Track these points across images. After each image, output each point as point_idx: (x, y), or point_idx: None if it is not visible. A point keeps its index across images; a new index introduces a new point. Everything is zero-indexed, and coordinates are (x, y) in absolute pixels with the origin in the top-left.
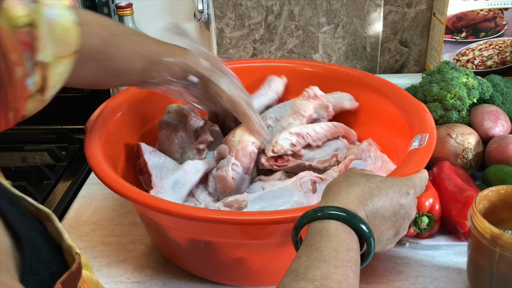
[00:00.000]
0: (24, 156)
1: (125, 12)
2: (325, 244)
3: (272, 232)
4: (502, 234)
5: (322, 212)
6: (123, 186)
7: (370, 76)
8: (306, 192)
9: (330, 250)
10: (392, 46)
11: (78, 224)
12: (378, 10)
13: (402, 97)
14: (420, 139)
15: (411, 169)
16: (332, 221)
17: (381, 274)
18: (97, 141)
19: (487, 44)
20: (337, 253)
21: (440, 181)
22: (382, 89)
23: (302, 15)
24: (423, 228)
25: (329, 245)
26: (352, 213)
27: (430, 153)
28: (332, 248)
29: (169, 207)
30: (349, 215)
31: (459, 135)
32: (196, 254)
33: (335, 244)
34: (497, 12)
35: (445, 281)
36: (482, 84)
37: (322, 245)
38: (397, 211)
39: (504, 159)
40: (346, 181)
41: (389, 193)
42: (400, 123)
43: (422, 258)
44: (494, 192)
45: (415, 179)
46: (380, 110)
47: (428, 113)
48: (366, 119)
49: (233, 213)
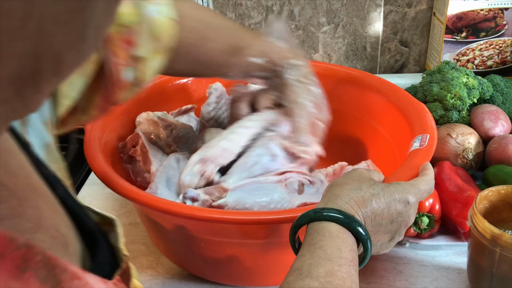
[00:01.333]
0: None
1: None
2: (329, 243)
3: (273, 231)
4: (502, 234)
5: (321, 213)
6: (123, 186)
7: (369, 76)
8: (292, 192)
9: (334, 249)
10: (392, 46)
11: None
12: (378, 10)
13: (402, 97)
14: (420, 139)
15: (411, 170)
16: (332, 223)
17: (381, 274)
18: (96, 141)
19: (487, 44)
20: (341, 252)
21: (440, 181)
22: (382, 89)
23: (302, 15)
24: (423, 228)
25: (332, 244)
26: (351, 216)
27: (431, 154)
28: (336, 247)
29: (168, 206)
30: (347, 218)
31: (459, 135)
32: (196, 253)
33: (338, 243)
34: (498, 12)
35: (445, 281)
36: (482, 84)
37: (326, 243)
38: (394, 218)
39: (504, 159)
40: (349, 184)
41: (389, 200)
42: (400, 123)
43: (422, 258)
44: (494, 192)
45: (421, 183)
46: (380, 110)
47: (428, 113)
48: (366, 120)
49: (232, 213)
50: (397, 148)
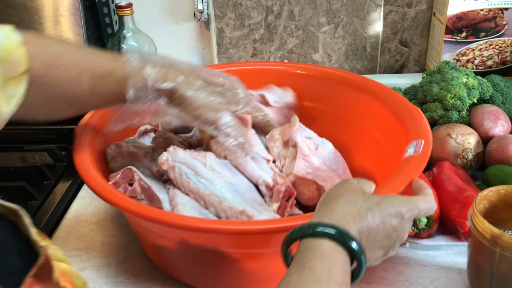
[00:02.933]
0: (24, 156)
1: (125, 12)
2: (319, 264)
3: (265, 241)
4: (502, 234)
5: (315, 229)
6: (112, 193)
7: (365, 79)
8: (257, 200)
9: (323, 271)
10: (392, 46)
11: (78, 224)
12: (378, 10)
13: (397, 101)
14: (415, 145)
15: (405, 178)
16: (325, 240)
17: (381, 274)
18: (86, 146)
19: (487, 44)
20: (330, 274)
21: (440, 181)
22: (377, 93)
23: (302, 15)
24: (421, 228)
25: (323, 265)
26: (346, 233)
27: (425, 161)
28: (326, 269)
29: (157, 216)
30: (342, 235)
31: (459, 135)
32: (185, 262)
33: (329, 265)
34: (497, 12)
35: (445, 281)
36: (482, 84)
37: (316, 264)
38: (389, 234)
39: (504, 159)
40: (345, 197)
41: (384, 215)
42: (395, 127)
43: (422, 258)
44: (494, 192)
45: (419, 201)
46: (375, 114)
47: (424, 118)
48: (360, 123)
49: (222, 222)
50: (392, 153)
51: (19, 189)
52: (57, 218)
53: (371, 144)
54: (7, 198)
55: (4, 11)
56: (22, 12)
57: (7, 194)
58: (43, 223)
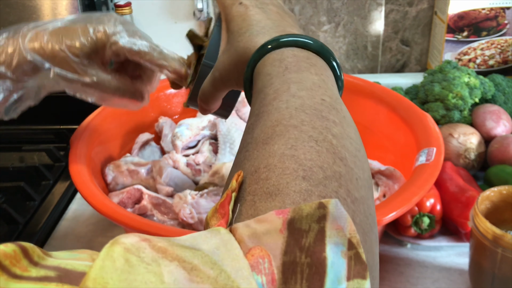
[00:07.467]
0: (22, 156)
1: (123, 11)
2: (308, 75)
3: None
4: (504, 235)
5: (279, 40)
6: (109, 207)
7: (371, 85)
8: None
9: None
10: (393, 45)
11: (77, 224)
12: (379, 9)
13: (406, 107)
14: (427, 153)
15: (418, 188)
16: (294, 48)
17: (382, 275)
18: (82, 155)
19: (489, 43)
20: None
21: (441, 181)
22: (385, 98)
23: (302, 14)
24: (424, 229)
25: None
26: (319, 41)
27: (438, 169)
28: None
29: (158, 229)
30: (317, 42)
31: (461, 135)
32: None
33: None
34: (499, 11)
35: (447, 282)
36: (484, 83)
37: (305, 76)
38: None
39: (506, 159)
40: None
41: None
42: (405, 135)
43: (424, 259)
44: (496, 192)
45: None
46: (383, 121)
47: (434, 124)
48: (367, 131)
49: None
50: (401, 161)
51: (17, 189)
52: (56, 218)
53: (379, 151)
54: (5, 199)
55: (2, 10)
56: (21, 11)
57: (6, 194)
58: (42, 224)
